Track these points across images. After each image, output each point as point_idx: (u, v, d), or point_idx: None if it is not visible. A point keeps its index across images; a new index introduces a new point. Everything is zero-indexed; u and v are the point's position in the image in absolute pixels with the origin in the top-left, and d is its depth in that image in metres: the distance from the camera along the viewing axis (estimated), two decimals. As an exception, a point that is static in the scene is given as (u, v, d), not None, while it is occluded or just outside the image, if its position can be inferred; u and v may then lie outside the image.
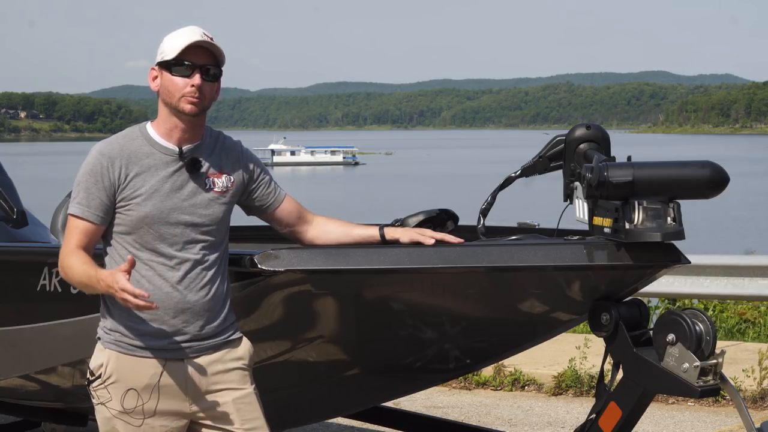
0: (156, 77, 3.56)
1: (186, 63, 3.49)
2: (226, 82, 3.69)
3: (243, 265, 3.86)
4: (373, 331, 4.25)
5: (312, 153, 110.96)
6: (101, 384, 3.55)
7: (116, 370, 3.54)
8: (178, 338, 3.53)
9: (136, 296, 3.25)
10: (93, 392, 3.59)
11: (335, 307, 4.18)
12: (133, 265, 3.33)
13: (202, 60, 3.51)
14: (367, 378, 4.56)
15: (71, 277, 3.50)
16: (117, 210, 3.52)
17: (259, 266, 3.83)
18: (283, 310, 4.16)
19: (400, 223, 4.10)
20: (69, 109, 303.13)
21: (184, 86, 3.50)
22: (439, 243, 3.82)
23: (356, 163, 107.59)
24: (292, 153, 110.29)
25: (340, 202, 45.83)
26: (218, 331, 3.60)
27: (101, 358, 3.58)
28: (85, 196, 3.51)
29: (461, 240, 3.86)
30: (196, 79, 3.50)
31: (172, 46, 3.51)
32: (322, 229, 3.87)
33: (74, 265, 3.47)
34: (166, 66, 3.52)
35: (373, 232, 3.88)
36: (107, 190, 3.50)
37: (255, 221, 3.99)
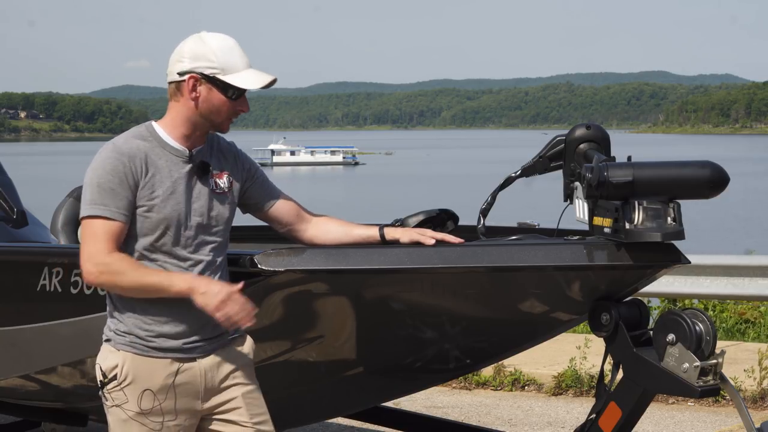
0: (196, 86, 3.50)
1: (241, 90, 3.53)
2: (225, 81, 3.67)
3: (243, 265, 3.86)
4: (373, 331, 4.25)
5: (312, 153, 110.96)
6: (117, 386, 3.53)
7: (132, 371, 3.52)
8: (192, 338, 3.54)
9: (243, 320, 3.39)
10: (107, 395, 3.56)
11: (335, 307, 4.18)
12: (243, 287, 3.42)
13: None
14: (367, 378, 4.56)
15: (125, 283, 3.42)
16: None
17: (259, 266, 3.83)
18: (283, 310, 4.16)
19: (400, 223, 4.10)
20: (69, 109, 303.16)
21: (233, 109, 3.54)
22: (439, 243, 3.82)
23: (356, 163, 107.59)
24: (292, 153, 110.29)
25: (340, 202, 45.83)
26: (226, 329, 3.61)
27: (115, 359, 3.54)
28: (110, 197, 3.42)
29: (461, 240, 3.86)
30: (246, 105, 3.58)
31: (239, 71, 3.51)
32: (322, 229, 3.87)
33: (127, 268, 3.41)
34: (222, 87, 3.50)
35: (373, 232, 3.88)
36: (132, 189, 3.45)
37: (255, 221, 3.99)
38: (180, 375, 3.54)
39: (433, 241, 3.81)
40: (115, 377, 3.53)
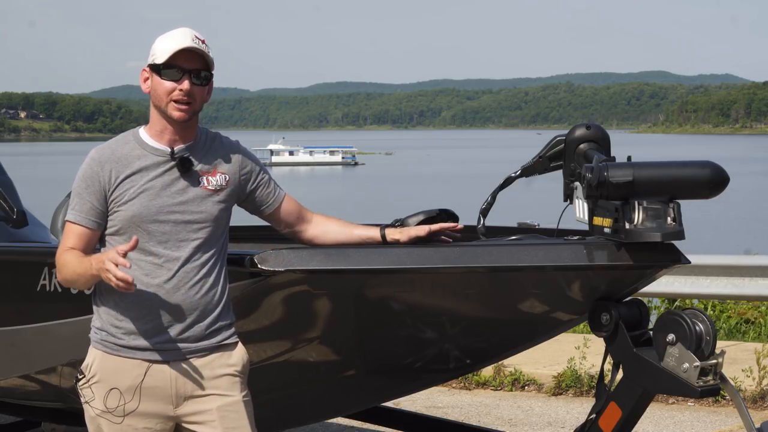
0: (147, 79, 3.58)
1: (175, 67, 3.50)
2: (226, 82, 3.73)
3: (243, 265, 3.87)
4: (373, 331, 4.25)
5: (311, 153, 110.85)
6: (86, 383, 3.58)
7: (100, 369, 3.56)
8: (164, 338, 3.53)
9: (118, 278, 3.26)
10: (80, 391, 3.62)
11: (335, 307, 4.18)
12: (134, 246, 3.34)
13: (191, 64, 3.52)
14: (367, 378, 4.56)
15: (66, 274, 3.53)
16: (108, 212, 3.54)
17: (259, 266, 3.84)
18: (283, 310, 4.16)
19: (400, 223, 4.10)
20: (69, 109, 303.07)
21: (172, 90, 3.51)
22: (439, 243, 3.83)
23: (356, 164, 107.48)
24: (291, 153, 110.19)
25: (339, 202, 45.81)
26: (207, 333, 3.58)
27: (89, 357, 3.61)
28: (78, 202, 3.55)
29: (459, 225, 3.87)
30: (185, 84, 3.51)
31: (162, 49, 3.51)
32: (322, 229, 3.87)
33: (68, 259, 3.51)
34: (155, 69, 3.53)
35: (373, 233, 3.88)
36: (97, 194, 3.52)
37: (255, 221, 3.99)
38: (148, 377, 3.53)
39: (427, 230, 3.81)
40: (86, 374, 3.59)
